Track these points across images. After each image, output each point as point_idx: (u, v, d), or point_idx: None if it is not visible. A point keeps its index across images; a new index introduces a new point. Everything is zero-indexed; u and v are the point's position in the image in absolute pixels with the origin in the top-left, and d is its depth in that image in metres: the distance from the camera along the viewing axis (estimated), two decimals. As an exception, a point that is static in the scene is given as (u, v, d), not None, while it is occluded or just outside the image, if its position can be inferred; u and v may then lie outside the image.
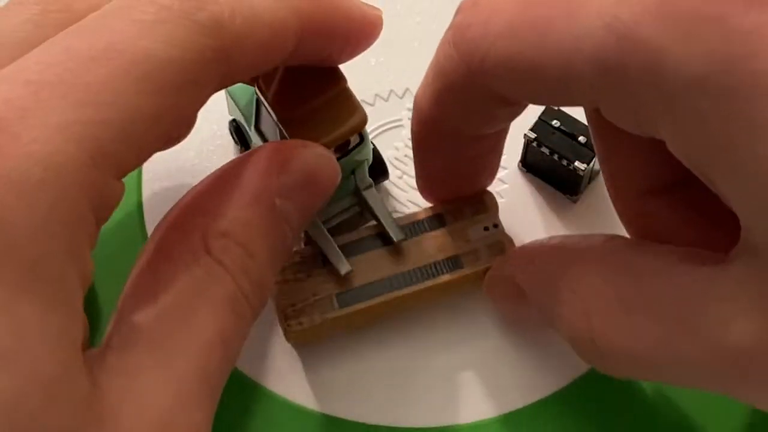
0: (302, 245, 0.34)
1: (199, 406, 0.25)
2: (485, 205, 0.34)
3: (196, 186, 0.28)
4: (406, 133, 0.38)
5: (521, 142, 0.36)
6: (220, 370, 0.26)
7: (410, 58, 0.39)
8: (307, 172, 0.28)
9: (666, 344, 0.26)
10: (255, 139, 0.34)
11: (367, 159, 0.34)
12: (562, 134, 0.35)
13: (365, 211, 0.34)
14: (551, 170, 0.36)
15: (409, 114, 0.38)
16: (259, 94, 0.31)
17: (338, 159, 0.32)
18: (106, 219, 0.24)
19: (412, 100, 0.39)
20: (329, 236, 0.33)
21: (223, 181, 0.27)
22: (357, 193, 0.34)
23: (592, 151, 0.35)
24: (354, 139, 0.32)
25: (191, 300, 0.25)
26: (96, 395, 0.23)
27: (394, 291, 0.33)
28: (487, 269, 0.33)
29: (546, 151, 0.35)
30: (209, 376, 0.25)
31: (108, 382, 0.24)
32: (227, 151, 0.38)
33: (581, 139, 0.35)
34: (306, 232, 0.34)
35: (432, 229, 0.34)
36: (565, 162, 0.35)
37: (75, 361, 0.23)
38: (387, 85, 0.39)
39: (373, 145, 0.35)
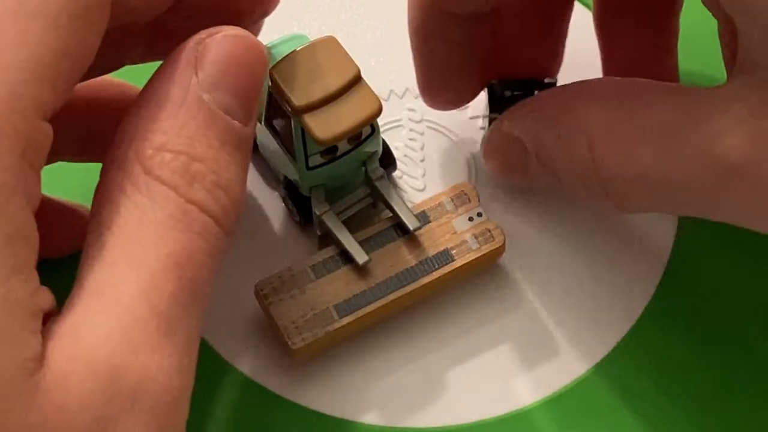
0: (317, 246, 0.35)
1: (154, 347, 0.23)
2: (467, 196, 0.34)
3: (123, 118, 0.26)
4: (407, 133, 0.38)
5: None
6: (181, 298, 0.24)
7: (410, 58, 0.39)
8: (225, 56, 0.26)
9: (661, 160, 0.28)
10: (263, 137, 0.34)
11: (377, 150, 0.34)
12: (519, 99, 0.35)
13: (378, 201, 0.35)
14: None
15: (410, 114, 0.39)
16: (272, 84, 0.31)
17: (350, 150, 0.33)
18: (41, 164, 0.23)
19: (412, 100, 0.39)
20: (344, 228, 0.33)
21: (145, 99, 0.26)
22: (369, 183, 0.34)
23: None
24: (366, 130, 0.33)
25: (135, 232, 0.24)
26: (43, 362, 0.22)
27: (389, 293, 0.33)
28: (478, 259, 0.33)
29: None
30: (165, 310, 0.23)
31: (58, 345, 0.22)
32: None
33: (536, 93, 0.35)
34: (320, 231, 0.34)
35: None
36: None
37: (14, 328, 0.22)
38: (387, 85, 0.39)
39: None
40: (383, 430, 0.33)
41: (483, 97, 0.38)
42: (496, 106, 0.36)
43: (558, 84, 0.36)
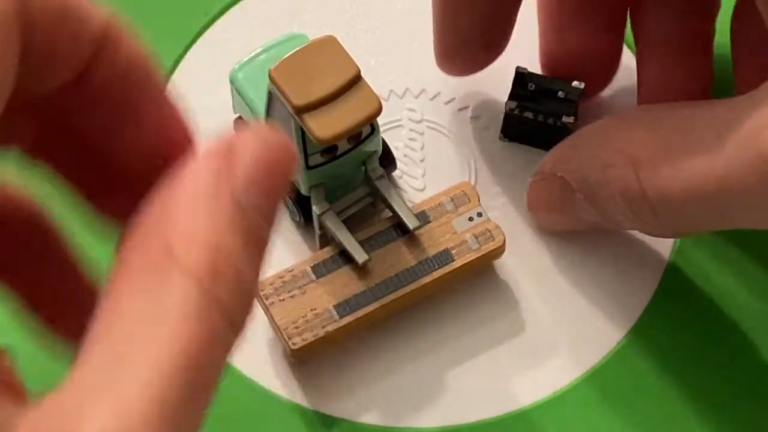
0: (317, 247, 0.34)
1: None
2: (467, 196, 0.34)
3: (150, 197, 0.26)
4: (407, 133, 0.38)
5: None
6: (189, 400, 0.23)
7: (410, 58, 0.39)
8: (258, 157, 0.26)
9: (709, 170, 0.28)
10: None
11: (377, 149, 0.34)
12: (540, 95, 0.36)
13: (378, 201, 0.35)
14: (537, 133, 0.36)
15: (410, 114, 0.39)
16: (272, 84, 0.31)
17: (350, 149, 0.33)
18: None
19: (411, 100, 0.39)
20: (344, 227, 0.33)
21: (177, 184, 0.25)
22: (369, 183, 0.34)
23: (573, 102, 0.36)
24: (365, 130, 0.33)
25: (150, 315, 0.23)
26: None
27: (389, 293, 0.33)
28: (477, 259, 0.33)
29: (530, 115, 0.36)
30: (171, 412, 0.22)
31: (44, 426, 0.21)
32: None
33: (560, 94, 0.36)
34: (320, 230, 0.34)
35: None
36: (551, 120, 0.36)
37: None
38: (387, 85, 0.39)
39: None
40: (383, 430, 0.33)
41: (483, 97, 0.38)
42: (514, 94, 0.36)
43: (583, 88, 0.36)
